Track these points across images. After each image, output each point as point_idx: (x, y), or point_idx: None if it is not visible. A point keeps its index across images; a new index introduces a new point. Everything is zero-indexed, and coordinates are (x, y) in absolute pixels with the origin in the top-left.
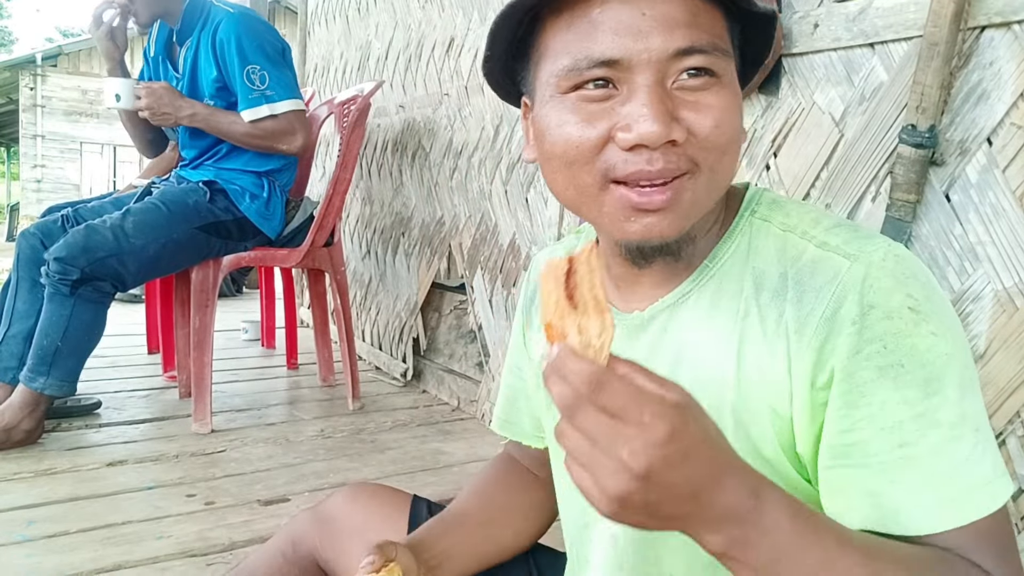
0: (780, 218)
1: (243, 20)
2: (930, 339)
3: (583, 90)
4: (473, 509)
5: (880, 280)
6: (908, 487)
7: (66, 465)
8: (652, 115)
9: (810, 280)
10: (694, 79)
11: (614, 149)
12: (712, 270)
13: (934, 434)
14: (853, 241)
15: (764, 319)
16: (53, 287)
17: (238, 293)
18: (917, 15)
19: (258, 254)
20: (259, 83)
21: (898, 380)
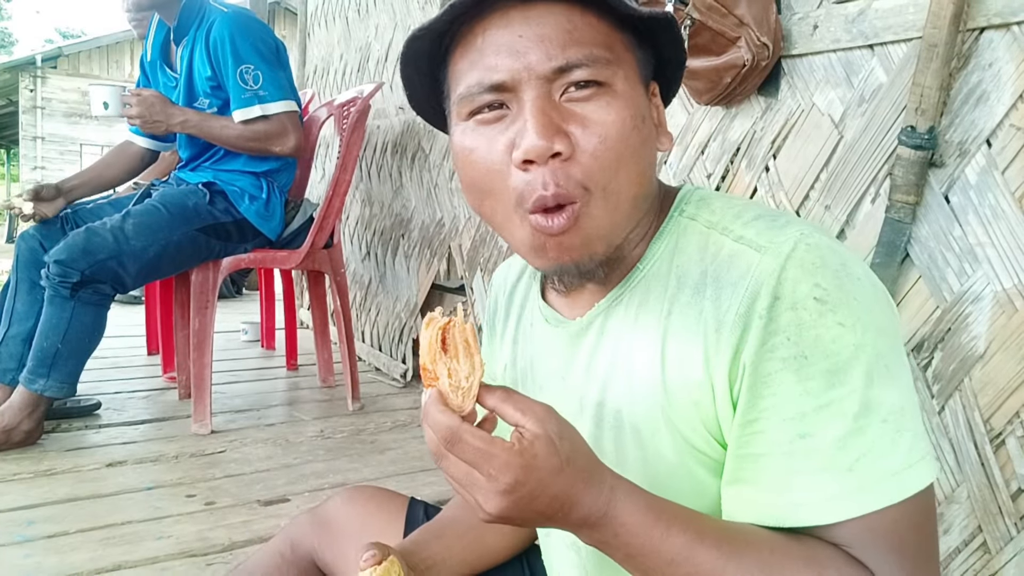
0: (706, 215)
1: (237, 19)
2: (836, 329)
3: (479, 114)
4: (464, 514)
5: (788, 270)
6: (807, 478)
7: (66, 466)
8: (534, 129)
9: (726, 275)
10: (582, 91)
11: (517, 173)
12: (641, 272)
13: (837, 425)
14: (765, 232)
15: (685, 317)
16: (53, 289)
17: (238, 295)
18: (916, 16)
19: (258, 256)
20: (252, 83)
21: (801, 372)
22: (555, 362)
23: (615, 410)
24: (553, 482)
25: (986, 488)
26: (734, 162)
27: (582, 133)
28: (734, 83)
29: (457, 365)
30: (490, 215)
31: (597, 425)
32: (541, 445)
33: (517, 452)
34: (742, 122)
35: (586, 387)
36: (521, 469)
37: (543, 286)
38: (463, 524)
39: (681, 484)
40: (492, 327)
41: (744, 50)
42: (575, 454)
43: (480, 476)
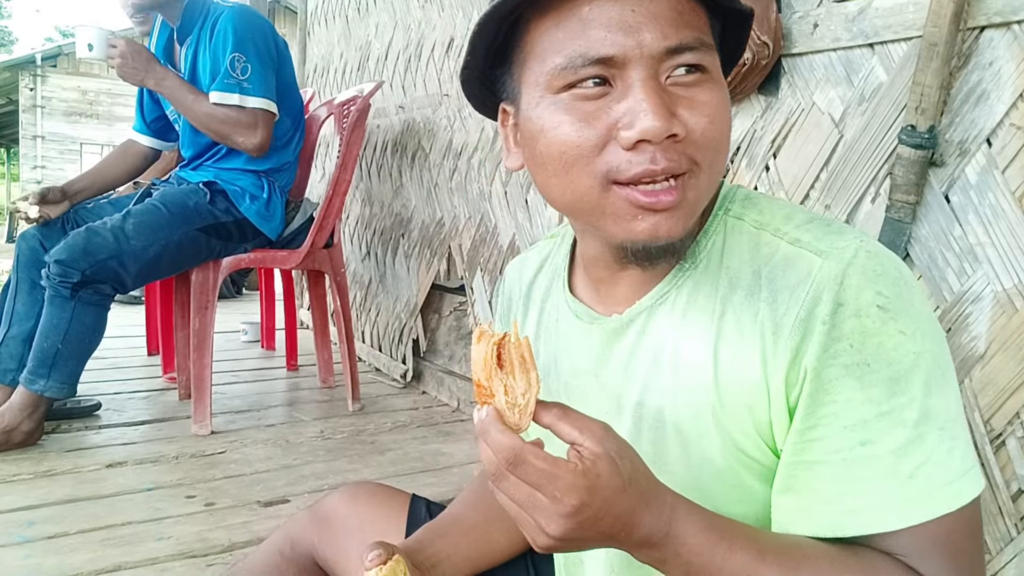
0: (753, 215)
1: (242, 13)
2: (897, 337)
3: (578, 88)
4: (469, 512)
5: (850, 277)
6: (867, 485)
7: (66, 466)
8: (652, 109)
9: (783, 279)
10: (686, 76)
11: (615, 149)
12: (688, 270)
13: (898, 433)
14: (825, 237)
15: (739, 319)
16: (53, 289)
17: (238, 295)
18: (916, 15)
19: (258, 255)
20: (239, 73)
21: (863, 379)
22: (586, 359)
23: (656, 409)
24: (616, 502)
25: (986, 489)
26: (734, 161)
27: (691, 114)
28: (734, 82)
29: (513, 382)
30: (565, 188)
31: (636, 425)
32: (604, 465)
33: (582, 473)
34: (742, 121)
35: (624, 385)
36: (586, 490)
37: (570, 280)
38: (468, 521)
39: (727, 488)
40: (506, 323)
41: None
42: (636, 473)
43: (543, 498)
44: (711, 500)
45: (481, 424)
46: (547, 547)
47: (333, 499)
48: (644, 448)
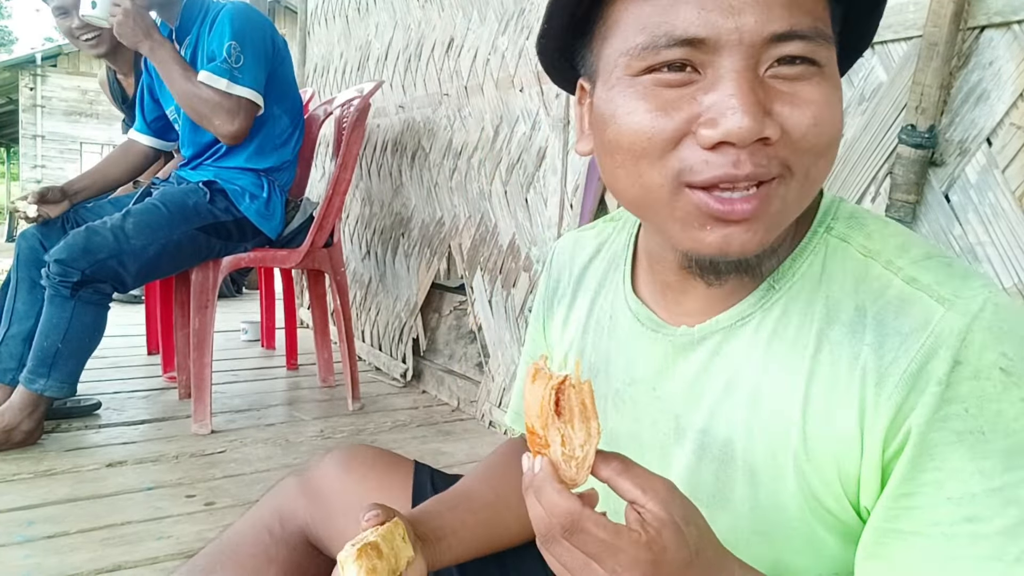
0: (861, 239)
1: (242, 10)
2: (1020, 406)
3: (659, 73)
4: (480, 489)
5: (974, 333)
6: (967, 565)
7: (66, 466)
8: (742, 107)
9: (894, 323)
10: (791, 68)
11: (692, 146)
12: (779, 292)
13: (1010, 513)
14: (948, 281)
15: (836, 359)
16: (53, 289)
17: (238, 294)
18: (917, 15)
19: (258, 255)
20: (232, 60)
21: (976, 448)
22: (644, 369)
23: (725, 441)
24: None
25: None
26: None
27: (791, 112)
28: None
29: (572, 432)
30: (632, 182)
31: (698, 453)
32: (669, 534)
33: (645, 545)
34: None
35: (687, 407)
36: (651, 565)
37: (632, 275)
38: (479, 499)
39: (795, 537)
40: (550, 309)
41: None
42: (703, 543)
43: (601, 571)
44: (775, 546)
45: (535, 479)
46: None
47: (326, 467)
48: (705, 479)
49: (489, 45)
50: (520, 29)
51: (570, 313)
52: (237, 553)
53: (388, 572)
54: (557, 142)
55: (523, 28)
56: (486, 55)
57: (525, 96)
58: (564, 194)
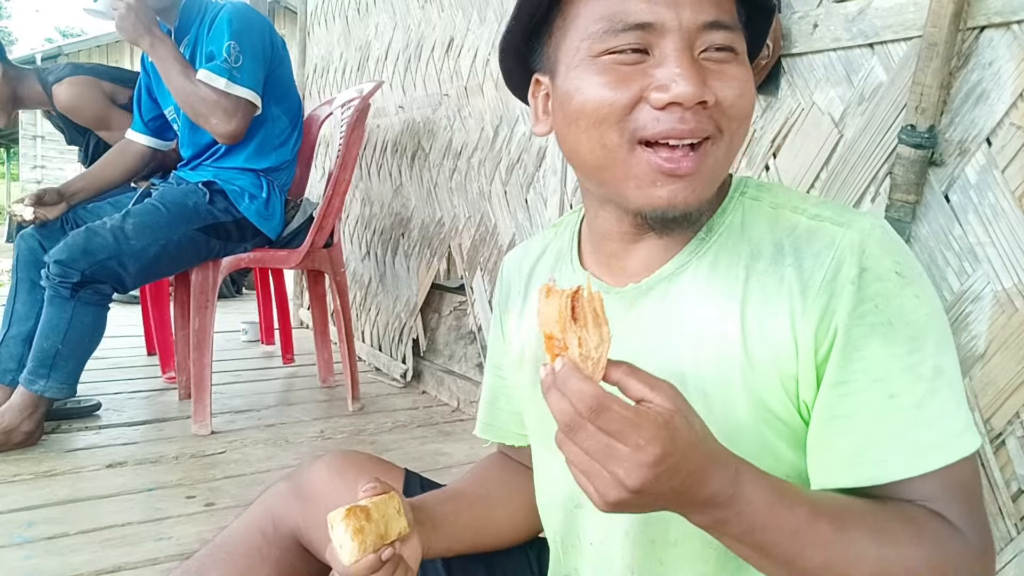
0: (769, 198)
1: (242, 10)
2: (914, 300)
3: (616, 54)
4: (472, 488)
5: (870, 246)
6: (893, 433)
7: (66, 467)
8: (688, 76)
9: (807, 247)
10: (718, 53)
11: (645, 109)
12: (709, 242)
13: (919, 386)
14: (843, 213)
15: (764, 284)
16: (53, 290)
17: (237, 294)
18: (916, 15)
19: (257, 255)
20: (232, 60)
21: (887, 336)
22: None
23: (677, 373)
24: (692, 456)
25: (986, 489)
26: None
27: (721, 86)
28: None
29: (587, 335)
30: (594, 144)
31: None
32: (679, 419)
33: (663, 423)
34: None
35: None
36: (668, 440)
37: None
38: (471, 496)
39: (752, 448)
40: (505, 310)
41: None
42: (705, 432)
43: (624, 448)
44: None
45: (559, 374)
46: (617, 502)
47: (317, 472)
48: None
49: (489, 45)
50: None
51: (524, 308)
52: (230, 554)
53: (376, 536)
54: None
55: None
56: (486, 55)
57: None
58: (564, 194)
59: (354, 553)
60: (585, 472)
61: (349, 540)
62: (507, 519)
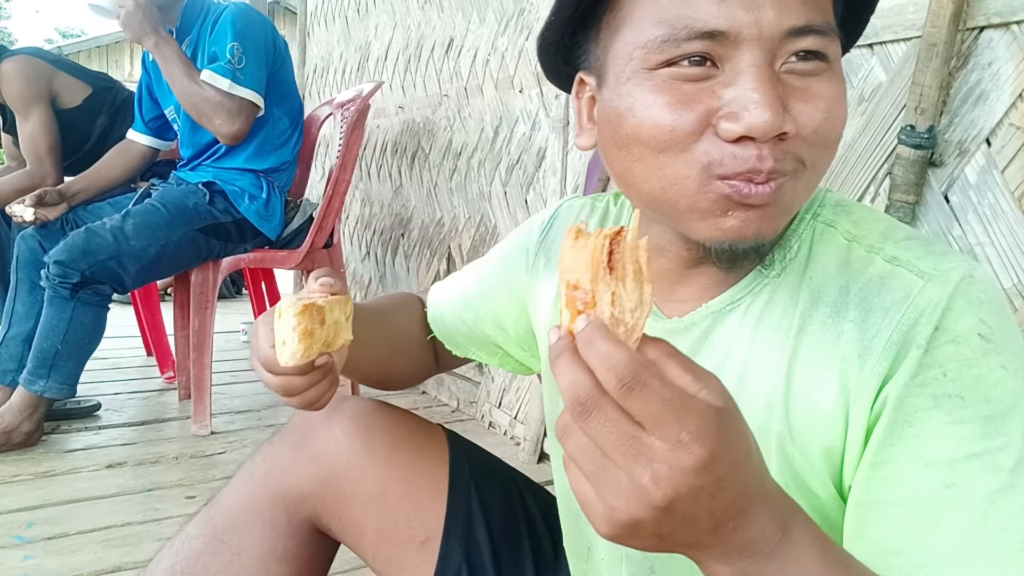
0: (846, 225)
1: (244, 10)
2: (999, 372)
3: (677, 67)
4: (396, 323)
5: (954, 302)
6: (947, 535)
7: (65, 467)
8: (764, 102)
9: (876, 299)
10: (805, 63)
11: (714, 140)
12: (767, 277)
13: (989, 479)
14: (927, 257)
15: (820, 339)
16: (53, 290)
17: (237, 295)
18: (916, 16)
19: (257, 256)
20: (235, 61)
21: (954, 413)
22: None
23: None
24: (743, 470)
25: None
26: None
27: (805, 107)
28: None
29: (624, 291)
30: (651, 175)
31: None
32: (732, 420)
33: (715, 419)
34: None
35: None
36: (720, 443)
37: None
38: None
39: None
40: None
41: None
42: (756, 450)
43: (657, 443)
44: None
45: (580, 335)
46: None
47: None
48: None
49: (489, 46)
50: (520, 29)
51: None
52: (239, 555)
53: (323, 343)
54: (557, 143)
55: (523, 28)
56: (486, 56)
57: (525, 97)
58: (564, 194)
59: (296, 356)
60: (592, 475)
61: (296, 340)
62: (408, 366)
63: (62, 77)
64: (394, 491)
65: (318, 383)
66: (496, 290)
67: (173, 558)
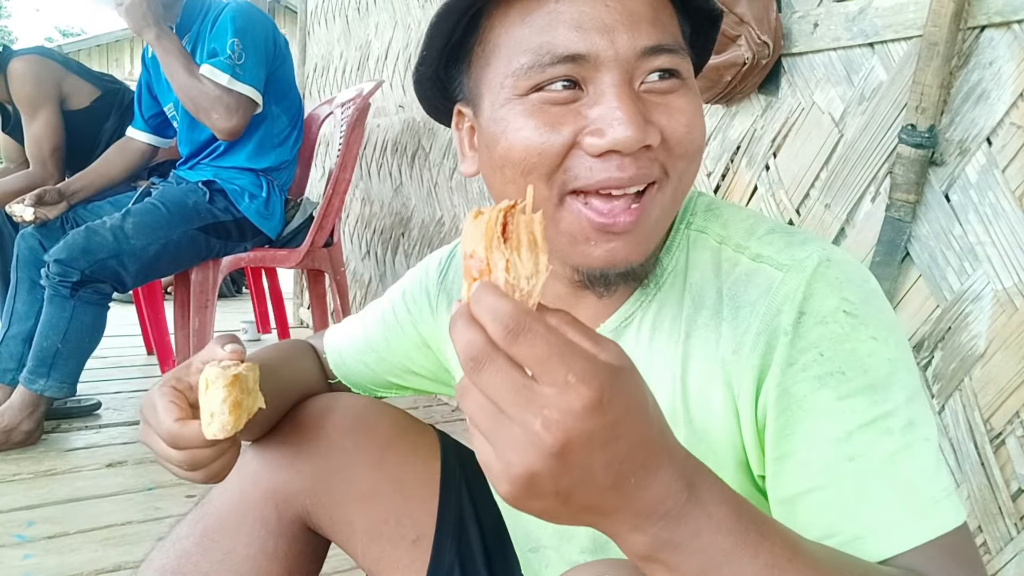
0: (716, 228)
1: (245, 8)
2: (870, 343)
3: (545, 92)
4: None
5: (812, 286)
6: (865, 505)
7: (66, 466)
8: (627, 118)
9: (744, 295)
10: (662, 82)
11: (580, 156)
12: (653, 290)
13: (886, 443)
14: (785, 249)
15: (705, 341)
16: (53, 289)
17: (237, 294)
18: (917, 15)
19: (257, 255)
20: (235, 57)
21: (839, 388)
22: None
23: None
24: (640, 420)
25: (986, 488)
26: (734, 161)
27: (667, 122)
28: (734, 81)
29: (519, 259)
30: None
31: None
32: (627, 375)
33: (605, 367)
34: (742, 120)
35: None
36: (609, 386)
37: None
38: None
39: None
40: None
41: (744, 48)
42: (658, 412)
43: (546, 388)
44: None
45: (471, 296)
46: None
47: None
48: None
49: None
50: None
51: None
52: (229, 554)
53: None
54: None
55: None
56: None
57: None
58: None
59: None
60: (488, 432)
61: (227, 412)
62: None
63: (72, 79)
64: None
65: (225, 453)
66: (401, 334)
67: (164, 558)
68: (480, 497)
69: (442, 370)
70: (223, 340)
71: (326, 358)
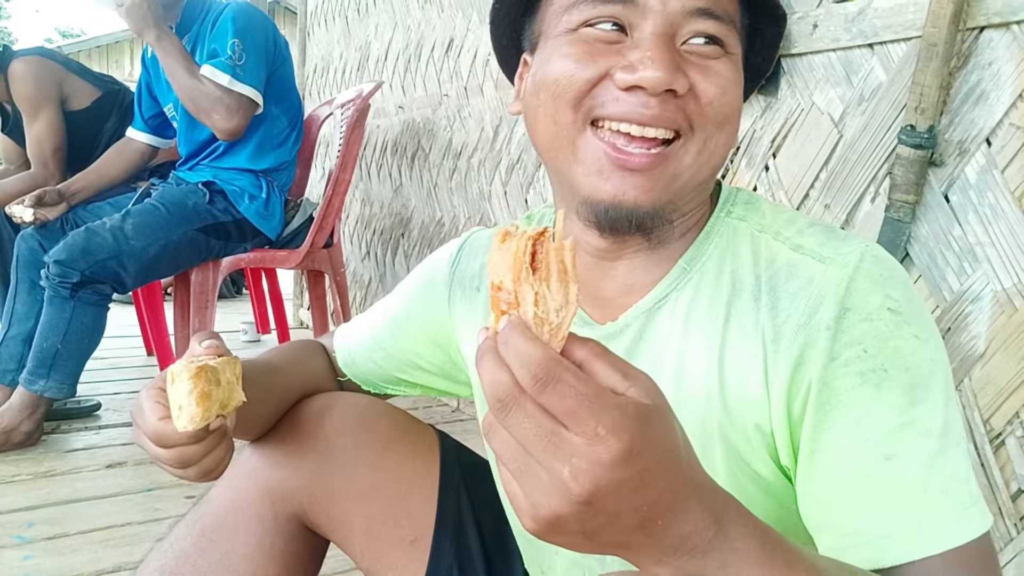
0: (756, 218)
1: (245, 9)
2: (914, 342)
3: (593, 28)
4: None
5: (856, 282)
6: (896, 505)
7: (66, 467)
8: (659, 59)
9: (785, 285)
10: (705, 47)
11: (608, 87)
12: (690, 273)
13: (924, 445)
14: (828, 243)
15: (743, 326)
16: (53, 290)
17: (237, 294)
18: (916, 16)
19: (257, 255)
20: (236, 57)
21: (881, 386)
22: None
23: None
24: (668, 469)
25: (986, 488)
26: (734, 161)
27: (701, 79)
28: None
29: (548, 291)
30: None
31: None
32: (658, 416)
33: (635, 413)
34: (742, 121)
35: None
36: (639, 436)
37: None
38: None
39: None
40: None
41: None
42: (688, 447)
43: (574, 437)
44: None
45: (500, 334)
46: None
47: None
48: None
49: (489, 46)
50: None
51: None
52: (227, 553)
53: (219, 405)
54: None
55: None
56: (486, 55)
57: None
58: None
59: (194, 420)
60: (516, 471)
61: (193, 404)
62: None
63: (72, 79)
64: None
65: (214, 449)
66: (409, 331)
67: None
68: (479, 498)
69: (451, 365)
70: (200, 337)
71: (335, 356)
